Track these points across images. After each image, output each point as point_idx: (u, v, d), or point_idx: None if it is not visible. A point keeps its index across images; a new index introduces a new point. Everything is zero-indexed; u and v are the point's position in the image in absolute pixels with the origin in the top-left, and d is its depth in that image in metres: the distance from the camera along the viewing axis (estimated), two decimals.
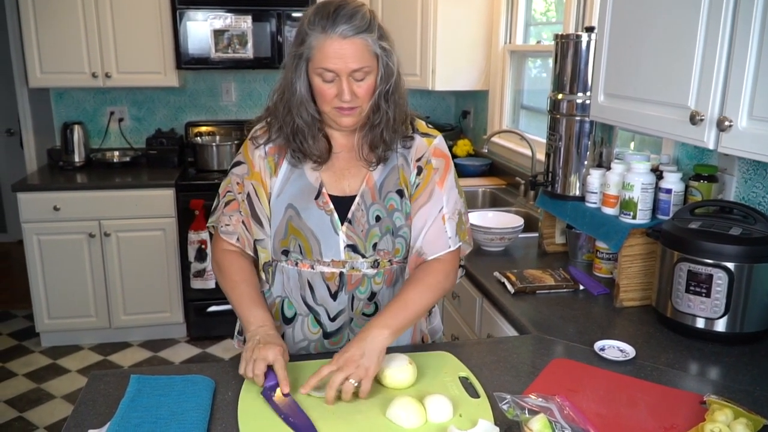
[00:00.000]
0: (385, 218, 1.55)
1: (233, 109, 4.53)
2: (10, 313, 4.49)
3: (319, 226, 1.52)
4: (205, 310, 4.03)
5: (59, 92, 4.29)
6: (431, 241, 1.56)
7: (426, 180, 1.58)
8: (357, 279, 1.56)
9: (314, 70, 1.43)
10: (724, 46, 1.45)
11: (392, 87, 1.49)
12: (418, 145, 1.59)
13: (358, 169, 1.57)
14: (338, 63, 1.40)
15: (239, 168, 1.60)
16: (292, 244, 1.54)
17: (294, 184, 1.55)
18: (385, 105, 1.49)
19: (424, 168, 1.58)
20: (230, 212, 1.57)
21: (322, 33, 1.39)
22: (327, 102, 1.46)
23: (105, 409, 1.32)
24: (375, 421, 1.27)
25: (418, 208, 1.57)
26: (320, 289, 1.57)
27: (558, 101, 2.21)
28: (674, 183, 1.92)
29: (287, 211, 1.54)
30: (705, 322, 1.68)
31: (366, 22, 1.41)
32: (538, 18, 3.59)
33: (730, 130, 1.43)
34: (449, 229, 1.57)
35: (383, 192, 1.55)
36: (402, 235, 1.56)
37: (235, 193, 1.58)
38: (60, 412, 3.31)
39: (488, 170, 3.86)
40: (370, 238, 1.54)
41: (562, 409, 1.24)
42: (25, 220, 3.72)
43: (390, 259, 1.58)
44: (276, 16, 3.94)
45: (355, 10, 1.40)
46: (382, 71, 1.46)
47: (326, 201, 1.53)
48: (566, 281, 2.07)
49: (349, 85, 1.42)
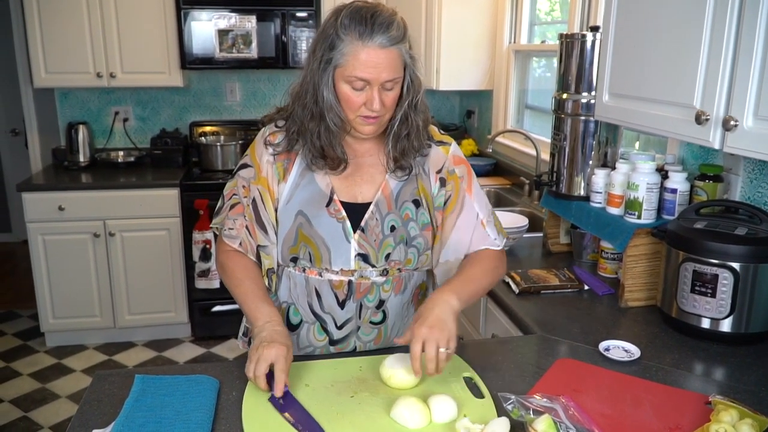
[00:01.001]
0: (400, 228, 1.53)
1: (237, 109, 4.54)
2: (15, 312, 4.50)
3: (331, 234, 1.49)
4: (210, 309, 4.03)
5: (64, 92, 4.30)
6: (474, 244, 1.60)
7: (456, 191, 1.58)
8: (366, 287, 1.54)
9: (344, 77, 1.39)
10: (730, 46, 1.44)
11: (420, 97, 1.49)
12: (434, 154, 1.59)
13: (371, 176, 1.55)
14: (372, 73, 1.37)
15: (246, 171, 1.56)
16: (302, 252, 1.51)
17: (304, 191, 1.51)
18: (413, 114, 1.49)
19: (448, 179, 1.58)
20: (234, 216, 1.54)
21: (358, 40, 1.35)
22: (353, 110, 1.43)
23: (109, 408, 1.32)
24: (379, 422, 1.27)
25: (456, 219, 1.57)
26: (328, 297, 1.54)
27: (563, 101, 2.20)
28: (679, 183, 1.91)
29: (297, 218, 1.50)
30: (710, 322, 1.67)
31: (402, 32, 1.39)
32: (542, 17, 3.59)
33: (736, 129, 1.43)
34: (491, 233, 1.61)
35: (399, 201, 1.54)
36: (415, 245, 1.54)
37: (240, 196, 1.54)
38: (65, 412, 3.32)
39: (492, 170, 3.85)
40: (384, 248, 1.52)
41: (567, 410, 1.24)
42: (30, 219, 3.73)
43: (399, 268, 1.56)
44: (280, 16, 3.94)
45: (391, 19, 1.38)
46: (409, 80, 1.45)
47: (338, 209, 1.50)
48: (571, 281, 2.07)
49: (379, 95, 1.40)
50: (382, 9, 1.40)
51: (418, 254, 1.55)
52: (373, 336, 1.60)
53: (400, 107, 1.47)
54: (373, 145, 1.56)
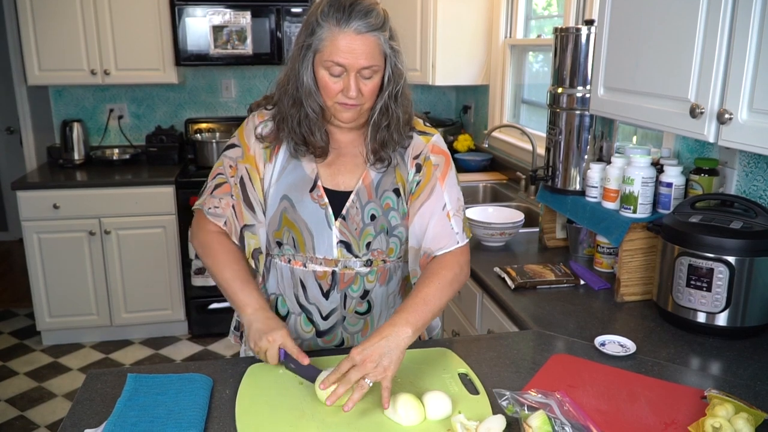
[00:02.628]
0: (380, 217, 1.53)
1: (233, 105, 4.52)
2: (11, 311, 4.49)
3: (313, 219, 1.51)
4: (207, 307, 4.03)
5: (58, 90, 4.28)
6: (437, 238, 1.53)
7: (427, 177, 1.56)
8: (350, 277, 1.55)
9: (322, 63, 1.41)
10: (724, 39, 1.43)
11: (401, 88, 1.49)
12: (415, 143, 1.58)
13: (353, 166, 1.56)
14: (348, 58, 1.39)
15: (233, 151, 1.57)
16: (286, 237, 1.53)
17: (290, 175, 1.53)
18: (393, 106, 1.49)
19: (423, 165, 1.57)
20: (220, 195, 1.54)
21: (336, 26, 1.38)
22: (330, 96, 1.45)
23: (102, 408, 1.31)
24: (374, 419, 1.26)
25: (420, 204, 1.54)
26: (312, 288, 1.56)
27: (558, 95, 2.20)
28: (675, 177, 1.90)
29: (282, 202, 1.52)
30: (706, 316, 1.67)
31: (381, 20, 1.41)
32: (538, 12, 3.57)
33: (731, 123, 1.42)
34: (455, 226, 1.54)
35: (380, 190, 1.54)
36: (397, 234, 1.55)
37: (227, 176, 1.54)
38: (61, 411, 3.31)
39: (489, 165, 3.85)
40: (364, 236, 1.53)
41: (562, 405, 1.23)
42: (25, 218, 3.72)
43: (384, 258, 1.57)
44: (275, 11, 3.93)
45: (370, 7, 1.40)
46: (389, 71, 1.46)
47: (321, 194, 1.52)
48: (567, 276, 2.06)
49: (356, 82, 1.41)
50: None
51: (400, 243, 1.57)
52: (359, 327, 1.62)
53: (381, 98, 1.48)
54: (356, 136, 1.57)
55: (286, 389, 1.35)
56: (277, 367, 1.43)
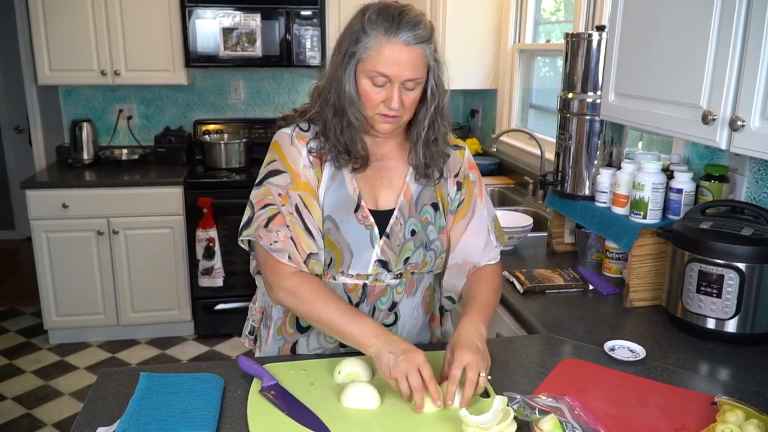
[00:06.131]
0: (420, 232, 1.53)
1: (242, 107, 4.54)
2: (18, 310, 4.51)
3: (357, 240, 1.48)
4: (213, 308, 4.02)
5: (68, 90, 4.31)
6: (483, 252, 1.62)
7: (469, 196, 1.60)
8: (380, 290, 1.53)
9: (366, 72, 1.39)
10: (737, 45, 1.44)
11: (445, 102, 1.49)
12: (452, 158, 1.59)
13: (390, 180, 1.54)
14: (394, 69, 1.37)
15: (278, 178, 1.47)
16: (325, 257, 1.48)
17: (333, 195, 1.49)
18: (440, 120, 1.49)
19: (464, 183, 1.60)
20: (276, 228, 1.43)
21: (384, 36, 1.36)
22: (372, 107, 1.42)
23: (115, 406, 1.32)
24: (384, 421, 1.27)
25: (466, 224, 1.59)
26: None
27: (568, 100, 2.20)
28: (685, 183, 1.91)
29: (325, 223, 1.48)
30: (716, 322, 1.67)
31: (428, 32, 1.40)
32: (547, 17, 3.58)
33: (743, 130, 1.42)
34: (494, 239, 1.64)
35: (419, 205, 1.54)
36: (433, 248, 1.55)
37: (278, 206, 1.44)
38: (68, 409, 3.32)
39: (497, 169, 3.85)
40: (404, 251, 1.52)
41: (573, 410, 1.24)
42: (34, 217, 3.73)
43: (413, 271, 1.55)
44: (285, 14, 3.94)
45: (418, 19, 1.39)
46: (432, 84, 1.45)
47: (366, 215, 1.49)
48: (576, 281, 2.06)
49: (399, 93, 1.39)
50: (411, 8, 1.41)
51: (435, 257, 1.56)
52: None
53: (427, 112, 1.47)
54: (392, 148, 1.56)
55: (297, 389, 1.36)
56: (288, 368, 1.44)
